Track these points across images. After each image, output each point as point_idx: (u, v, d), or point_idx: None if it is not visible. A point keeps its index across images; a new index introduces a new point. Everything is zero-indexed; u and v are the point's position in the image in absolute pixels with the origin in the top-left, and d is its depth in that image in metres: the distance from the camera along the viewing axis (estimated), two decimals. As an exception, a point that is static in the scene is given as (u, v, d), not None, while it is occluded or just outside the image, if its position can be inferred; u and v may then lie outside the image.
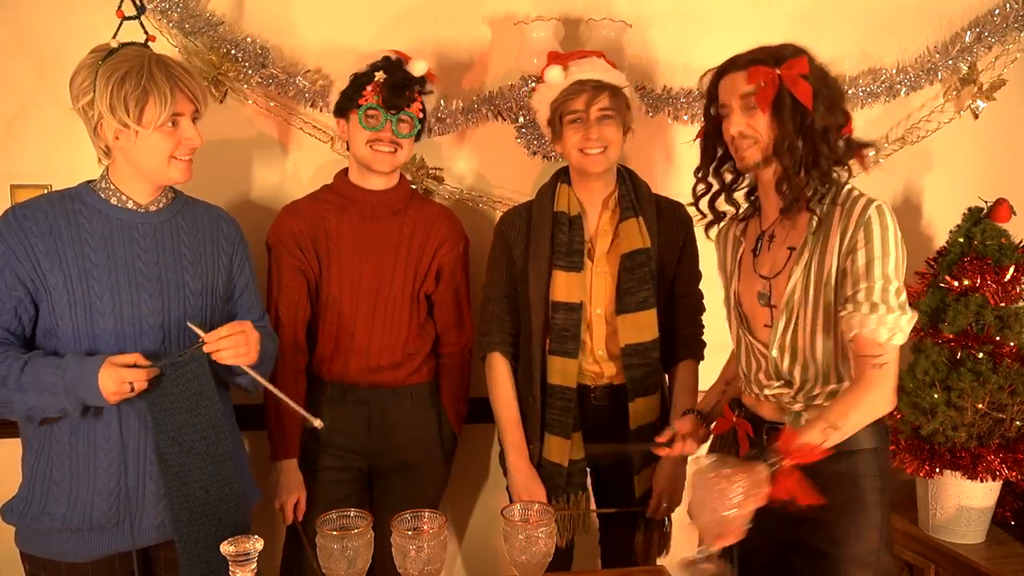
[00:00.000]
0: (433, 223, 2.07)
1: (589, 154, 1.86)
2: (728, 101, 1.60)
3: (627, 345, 1.88)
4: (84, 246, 1.57)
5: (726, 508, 1.38)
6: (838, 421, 1.45)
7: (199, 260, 1.68)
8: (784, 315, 1.59)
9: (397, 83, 1.93)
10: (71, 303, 1.55)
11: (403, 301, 2.02)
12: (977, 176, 2.51)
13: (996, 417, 2.14)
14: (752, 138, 1.58)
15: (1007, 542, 2.27)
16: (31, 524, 1.60)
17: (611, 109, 1.86)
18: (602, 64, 1.91)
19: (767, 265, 1.64)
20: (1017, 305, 2.23)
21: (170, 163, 1.60)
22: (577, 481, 1.94)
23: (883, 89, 2.38)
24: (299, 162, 2.26)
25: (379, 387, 2.03)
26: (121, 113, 1.52)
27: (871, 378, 1.47)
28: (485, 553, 2.50)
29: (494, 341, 2.00)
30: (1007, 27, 2.40)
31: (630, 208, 1.92)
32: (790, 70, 1.53)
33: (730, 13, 2.35)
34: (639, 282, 1.88)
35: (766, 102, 1.54)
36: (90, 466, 1.58)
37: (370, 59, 1.96)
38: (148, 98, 1.53)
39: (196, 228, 1.70)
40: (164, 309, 1.61)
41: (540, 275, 1.92)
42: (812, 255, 1.56)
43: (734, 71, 1.59)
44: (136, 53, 1.56)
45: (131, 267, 1.59)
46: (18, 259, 1.54)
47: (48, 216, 1.57)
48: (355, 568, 1.39)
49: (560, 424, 1.92)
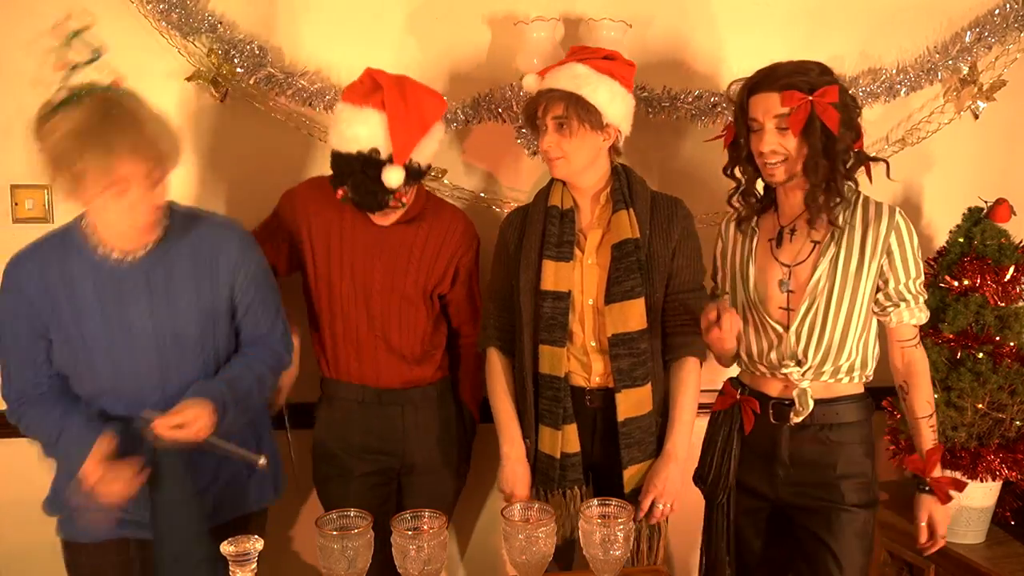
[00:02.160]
0: (448, 228, 2.06)
1: (551, 161, 1.90)
2: (760, 119, 1.75)
3: (614, 335, 1.88)
4: (76, 301, 1.58)
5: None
6: (931, 407, 1.85)
7: (194, 293, 1.65)
8: (807, 301, 1.78)
9: (362, 200, 1.88)
10: (70, 351, 1.60)
11: (416, 299, 2.04)
12: (977, 176, 2.51)
13: (996, 417, 2.15)
14: (781, 155, 1.74)
15: (1007, 542, 2.27)
16: (64, 511, 1.66)
17: (563, 117, 1.85)
18: (573, 71, 1.87)
19: (789, 255, 1.83)
20: (1017, 305, 2.24)
21: (132, 231, 1.54)
22: (572, 476, 1.94)
23: (883, 89, 2.38)
24: (298, 163, 2.26)
25: (399, 389, 2.06)
26: (62, 188, 1.45)
27: (919, 357, 1.86)
28: (486, 553, 2.50)
29: (490, 336, 2.04)
30: (1007, 27, 2.40)
31: (621, 201, 1.93)
32: (822, 98, 1.69)
33: (730, 13, 2.35)
34: (626, 271, 1.88)
35: (798, 126, 1.71)
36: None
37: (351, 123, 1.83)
38: (83, 162, 1.40)
39: (192, 254, 1.65)
40: (161, 366, 1.63)
41: (530, 265, 1.94)
42: (839, 250, 1.77)
43: (768, 91, 1.73)
44: (83, 107, 1.42)
45: (123, 321, 1.60)
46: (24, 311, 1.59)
47: (42, 270, 1.59)
48: (355, 568, 1.39)
49: (551, 414, 1.92)
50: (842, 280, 1.76)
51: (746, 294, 1.88)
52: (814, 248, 1.79)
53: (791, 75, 1.70)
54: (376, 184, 1.85)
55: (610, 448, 1.93)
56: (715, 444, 1.95)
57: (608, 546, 1.43)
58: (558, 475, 1.93)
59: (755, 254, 1.87)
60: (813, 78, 1.70)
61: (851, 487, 1.81)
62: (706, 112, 2.31)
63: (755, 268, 1.87)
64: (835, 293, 1.77)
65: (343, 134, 1.86)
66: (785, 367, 1.82)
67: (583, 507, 1.48)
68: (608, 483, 1.95)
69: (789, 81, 1.70)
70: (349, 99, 1.87)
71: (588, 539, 1.45)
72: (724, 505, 1.95)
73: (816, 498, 1.83)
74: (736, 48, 2.31)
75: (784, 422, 1.84)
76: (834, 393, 1.83)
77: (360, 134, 1.84)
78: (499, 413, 2.00)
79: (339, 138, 1.87)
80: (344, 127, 1.86)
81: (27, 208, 2.13)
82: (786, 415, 1.83)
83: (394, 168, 1.84)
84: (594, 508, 1.48)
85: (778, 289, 1.82)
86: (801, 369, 1.81)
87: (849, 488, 1.81)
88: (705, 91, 2.30)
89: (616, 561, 1.44)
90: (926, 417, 1.85)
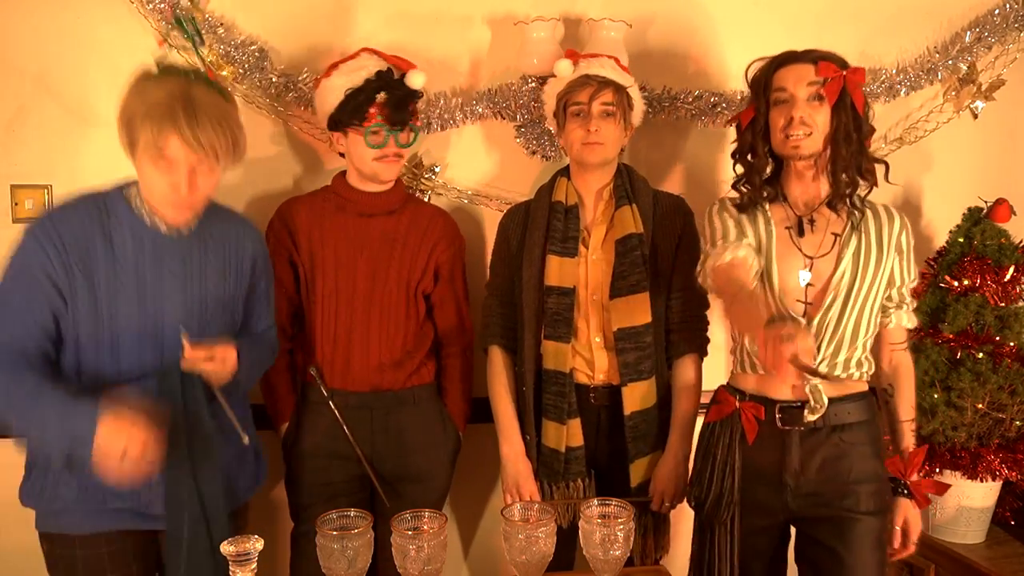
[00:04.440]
0: (429, 222, 2.08)
1: (588, 146, 1.90)
2: (791, 88, 1.72)
3: (619, 329, 1.90)
4: (115, 264, 1.58)
5: None
6: (914, 411, 1.87)
7: (221, 278, 1.70)
8: (831, 295, 1.74)
9: (399, 102, 1.95)
10: (96, 313, 1.57)
11: (399, 297, 2.02)
12: (977, 176, 2.50)
13: (996, 417, 2.14)
14: (809, 127, 1.71)
15: (1007, 542, 2.27)
16: (48, 506, 1.62)
17: (613, 105, 1.91)
18: (611, 64, 1.96)
19: (812, 246, 1.77)
20: (1017, 305, 2.24)
21: (164, 202, 1.57)
22: (575, 468, 1.95)
23: (883, 89, 2.38)
24: (297, 164, 2.26)
25: (383, 391, 2.03)
26: (121, 135, 1.53)
27: (908, 361, 1.87)
28: (486, 553, 2.50)
29: (494, 334, 2.05)
30: (1007, 27, 2.40)
31: (624, 197, 1.95)
32: (854, 75, 1.72)
33: (730, 13, 2.35)
34: (631, 266, 1.90)
35: (834, 95, 1.70)
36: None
37: (359, 69, 1.94)
38: (140, 132, 1.49)
39: (222, 246, 1.70)
40: (185, 321, 1.62)
41: (534, 261, 1.95)
42: (860, 244, 1.75)
43: (799, 63, 1.73)
44: (166, 86, 1.50)
45: (157, 286, 1.61)
46: (52, 265, 1.54)
47: (84, 226, 1.57)
48: (355, 568, 1.39)
49: (555, 409, 1.93)
50: (862, 274, 1.75)
51: (766, 285, 1.77)
52: (835, 241, 1.76)
53: (817, 52, 1.73)
54: (402, 89, 1.95)
55: (614, 443, 1.95)
56: (712, 458, 1.80)
57: (608, 546, 1.42)
58: (562, 468, 1.94)
59: (775, 244, 1.77)
60: (842, 60, 1.73)
61: (866, 492, 1.73)
62: (706, 112, 2.31)
63: (777, 259, 1.77)
64: (854, 289, 1.74)
65: (349, 75, 1.93)
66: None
67: (583, 507, 1.48)
68: (612, 478, 1.96)
69: (823, 54, 1.72)
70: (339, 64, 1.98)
71: (588, 539, 1.44)
72: (727, 524, 1.78)
73: (829, 506, 1.73)
74: (736, 48, 2.31)
75: (794, 426, 1.73)
76: (843, 391, 1.76)
77: (367, 65, 1.95)
78: (499, 413, 2.01)
79: (346, 82, 1.93)
80: (347, 73, 1.94)
81: (27, 208, 2.13)
82: (797, 418, 1.73)
83: (415, 72, 1.98)
84: (594, 508, 1.47)
85: (798, 281, 1.76)
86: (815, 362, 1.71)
87: (865, 494, 1.72)
88: (705, 91, 2.31)
89: (616, 561, 1.44)
90: (909, 420, 1.84)
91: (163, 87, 1.50)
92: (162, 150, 1.49)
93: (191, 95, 1.50)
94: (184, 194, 1.54)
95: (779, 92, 1.73)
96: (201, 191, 1.56)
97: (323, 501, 1.94)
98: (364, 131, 1.94)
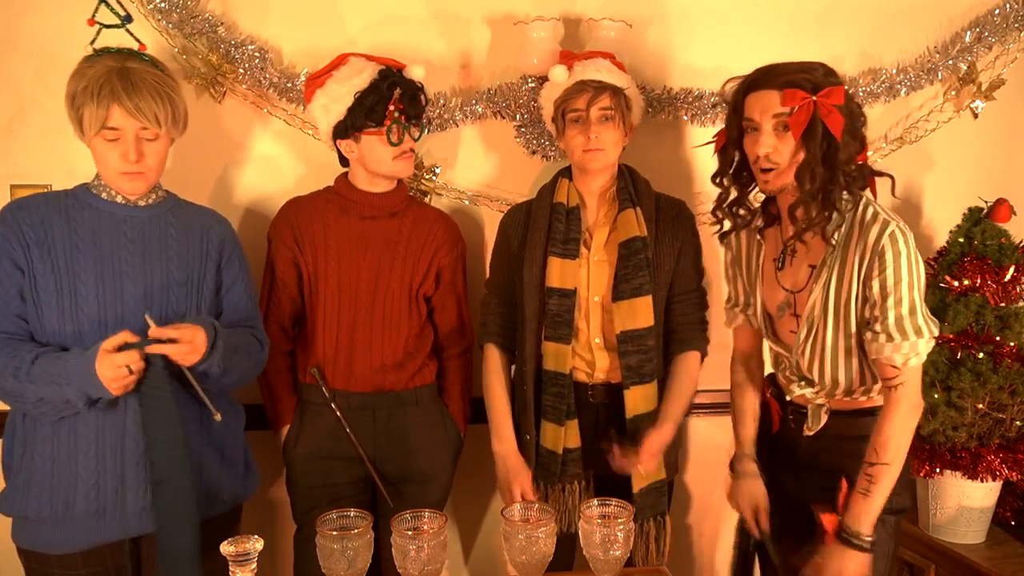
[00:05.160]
0: (432, 225, 2.08)
1: (589, 152, 1.90)
2: (757, 119, 1.60)
3: (622, 332, 1.90)
4: (73, 235, 1.63)
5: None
6: (883, 457, 1.58)
7: (185, 254, 1.71)
8: (805, 327, 1.69)
9: (413, 95, 1.96)
10: (57, 289, 1.60)
11: (401, 299, 2.02)
12: (977, 176, 2.50)
13: (996, 417, 2.14)
14: (776, 165, 1.60)
15: (1007, 542, 2.27)
16: (19, 513, 1.63)
17: (611, 109, 1.90)
18: (606, 65, 1.94)
19: (790, 279, 1.73)
20: (1017, 305, 2.23)
21: (118, 175, 1.64)
22: (572, 470, 1.95)
23: (883, 89, 2.38)
24: (297, 163, 2.26)
25: (385, 392, 2.03)
26: (71, 119, 1.61)
27: (894, 399, 1.60)
28: (487, 553, 2.50)
29: (491, 332, 2.05)
30: (1007, 27, 2.40)
31: (628, 200, 1.95)
32: (827, 98, 1.54)
33: (730, 13, 2.35)
34: (634, 269, 1.89)
35: (800, 128, 1.55)
36: (71, 454, 1.60)
37: (358, 72, 1.93)
38: (84, 108, 1.58)
39: (185, 225, 1.74)
40: (146, 298, 1.64)
41: (535, 262, 1.95)
42: (831, 274, 1.63)
43: (767, 88, 1.58)
44: (104, 62, 1.60)
45: (116, 257, 1.64)
46: (12, 246, 1.60)
47: (41, 208, 1.65)
48: (355, 568, 1.39)
49: (554, 410, 1.93)
50: (836, 307, 1.64)
51: (763, 311, 1.81)
52: (811, 273, 1.67)
53: (793, 73, 1.56)
54: (411, 83, 1.97)
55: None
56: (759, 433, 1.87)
57: (608, 546, 1.43)
58: (559, 469, 1.94)
59: (763, 274, 1.79)
60: (817, 78, 1.56)
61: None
62: (706, 112, 2.31)
63: (762, 290, 1.80)
64: (830, 320, 1.65)
65: (350, 80, 1.92)
66: (797, 386, 1.74)
67: (583, 507, 1.48)
68: (611, 480, 1.95)
69: (791, 79, 1.56)
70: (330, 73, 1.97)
71: (588, 539, 1.44)
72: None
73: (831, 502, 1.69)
74: (736, 48, 2.31)
75: (800, 428, 1.78)
76: (851, 405, 1.73)
77: (364, 67, 1.94)
78: (492, 411, 2.01)
79: (349, 87, 1.92)
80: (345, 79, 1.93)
81: (27, 208, 2.14)
82: (801, 424, 1.77)
83: (415, 65, 1.99)
84: (594, 508, 1.48)
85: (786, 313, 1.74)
86: (814, 389, 1.73)
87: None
88: (705, 91, 2.30)
89: (616, 561, 1.44)
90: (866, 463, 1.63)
91: (100, 64, 1.59)
92: (105, 122, 1.58)
93: (127, 68, 1.59)
94: (133, 160, 1.60)
95: (748, 121, 1.63)
96: (149, 158, 1.63)
97: (326, 503, 1.93)
98: (385, 130, 1.93)
